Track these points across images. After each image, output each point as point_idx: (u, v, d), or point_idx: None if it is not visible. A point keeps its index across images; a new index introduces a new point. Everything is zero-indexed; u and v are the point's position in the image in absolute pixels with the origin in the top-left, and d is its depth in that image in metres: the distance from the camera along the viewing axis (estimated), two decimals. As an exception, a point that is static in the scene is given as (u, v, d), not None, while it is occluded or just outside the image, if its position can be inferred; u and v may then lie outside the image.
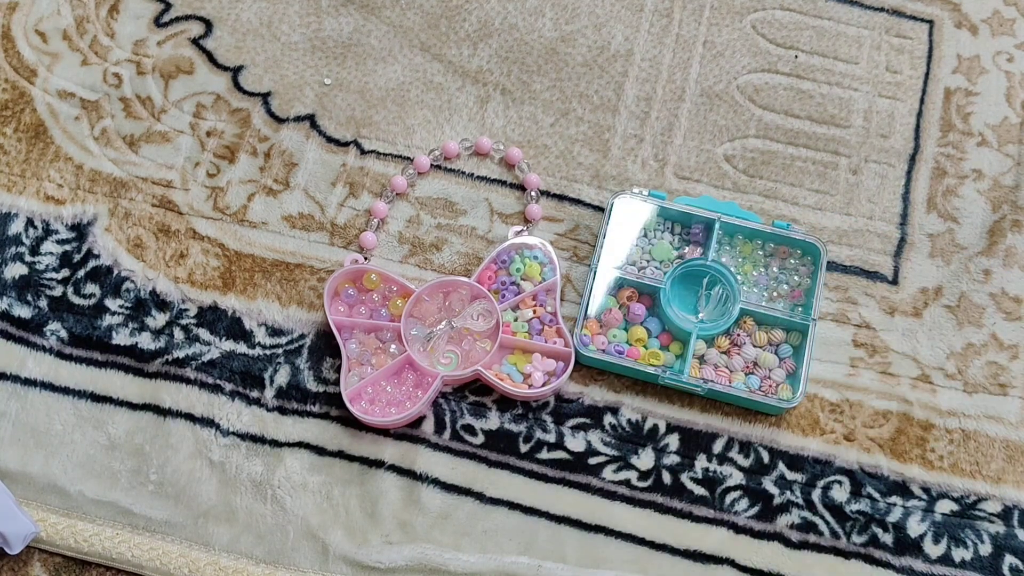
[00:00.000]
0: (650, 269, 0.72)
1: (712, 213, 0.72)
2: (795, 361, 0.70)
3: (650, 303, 0.72)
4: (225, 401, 0.70)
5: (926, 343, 0.72)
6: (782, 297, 0.72)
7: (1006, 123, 0.79)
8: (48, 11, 0.81)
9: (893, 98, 0.80)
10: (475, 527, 0.67)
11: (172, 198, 0.76)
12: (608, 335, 0.70)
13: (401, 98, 0.79)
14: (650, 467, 0.69)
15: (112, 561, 0.66)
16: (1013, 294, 0.74)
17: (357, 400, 0.68)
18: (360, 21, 0.82)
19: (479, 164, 0.78)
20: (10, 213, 0.75)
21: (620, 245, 0.73)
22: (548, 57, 0.80)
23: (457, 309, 0.71)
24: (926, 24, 0.82)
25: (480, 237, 0.75)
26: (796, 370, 0.69)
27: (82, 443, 0.69)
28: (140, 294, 0.73)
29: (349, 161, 0.77)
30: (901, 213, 0.76)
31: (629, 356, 0.70)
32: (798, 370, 0.69)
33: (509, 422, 0.70)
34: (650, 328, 0.71)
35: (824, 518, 0.67)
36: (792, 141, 0.78)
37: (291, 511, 0.67)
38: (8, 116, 0.78)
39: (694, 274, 0.71)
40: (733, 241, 0.73)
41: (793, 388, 0.69)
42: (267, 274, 0.74)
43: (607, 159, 0.77)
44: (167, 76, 0.79)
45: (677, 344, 0.71)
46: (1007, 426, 0.70)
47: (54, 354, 0.71)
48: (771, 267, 0.73)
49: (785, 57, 0.81)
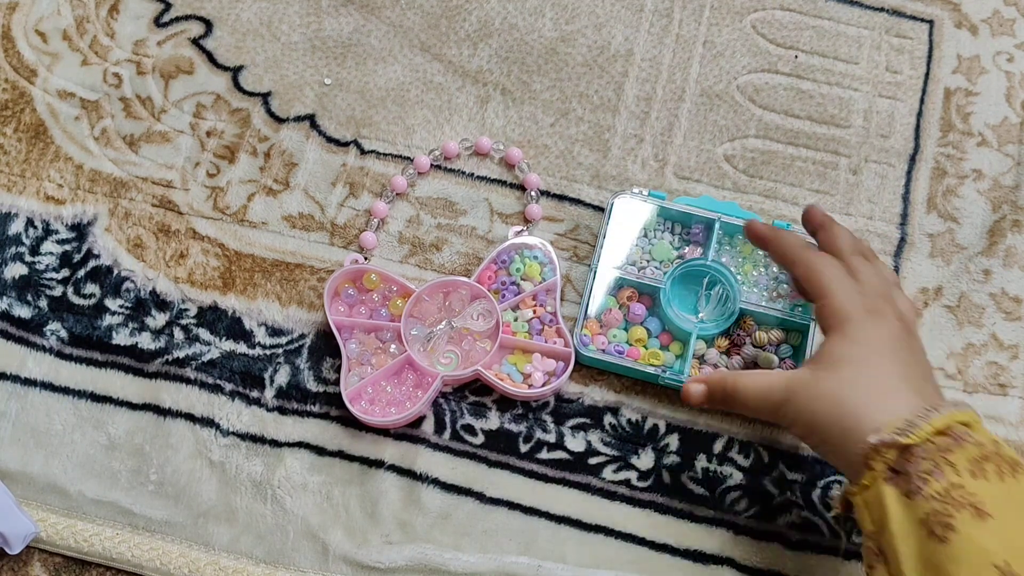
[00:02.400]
0: (650, 269, 0.72)
1: (712, 213, 0.73)
2: (795, 361, 0.70)
3: (650, 303, 0.72)
4: (225, 401, 0.70)
5: (926, 343, 0.72)
6: (782, 297, 0.72)
7: (1006, 123, 0.79)
8: (48, 11, 0.81)
9: (893, 98, 0.80)
10: (475, 527, 0.67)
11: (172, 198, 0.76)
12: (608, 335, 0.70)
13: (401, 98, 0.79)
14: (650, 467, 0.69)
15: (112, 561, 0.66)
16: (1013, 294, 0.74)
17: (357, 400, 0.68)
18: (360, 21, 0.81)
19: (479, 164, 0.78)
20: (10, 213, 0.75)
21: (620, 245, 0.73)
22: (548, 57, 0.80)
23: (457, 309, 0.71)
24: (926, 24, 0.82)
25: (480, 237, 0.75)
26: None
27: (82, 443, 0.69)
28: (140, 294, 0.73)
29: (349, 161, 0.77)
30: (901, 213, 0.76)
31: (629, 356, 0.70)
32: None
33: (509, 422, 0.70)
34: (650, 328, 0.71)
35: (824, 518, 0.67)
36: (792, 141, 0.78)
37: (291, 511, 0.67)
38: (8, 116, 0.78)
39: (694, 274, 0.71)
40: (733, 241, 0.73)
41: None
42: (267, 274, 0.74)
43: (607, 159, 0.77)
44: (167, 76, 0.79)
45: (677, 344, 0.71)
46: (1007, 426, 0.70)
47: (54, 354, 0.71)
48: (771, 267, 0.73)
49: (785, 57, 0.81)
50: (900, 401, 0.55)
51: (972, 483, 0.50)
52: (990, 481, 0.50)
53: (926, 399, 0.55)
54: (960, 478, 0.50)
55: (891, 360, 0.58)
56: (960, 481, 0.50)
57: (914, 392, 0.56)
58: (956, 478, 0.50)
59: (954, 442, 0.52)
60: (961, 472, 0.50)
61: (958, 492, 0.50)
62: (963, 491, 0.50)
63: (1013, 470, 0.51)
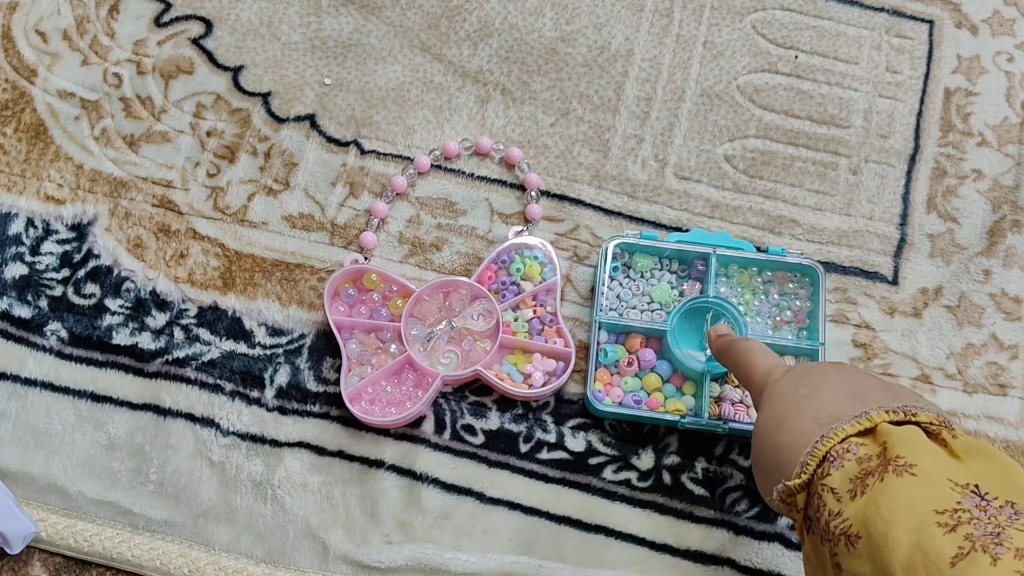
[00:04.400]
0: (650, 312, 0.71)
1: (706, 247, 0.71)
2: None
3: (658, 346, 0.71)
4: (225, 401, 0.70)
5: (926, 343, 0.72)
6: (787, 323, 0.71)
7: (1006, 123, 0.79)
8: (48, 11, 0.81)
9: (893, 98, 0.80)
10: (475, 527, 0.67)
11: (172, 198, 0.76)
12: (622, 384, 0.69)
13: (401, 98, 0.79)
14: (650, 467, 0.69)
15: (112, 561, 0.66)
16: (1013, 294, 0.74)
17: (357, 400, 0.68)
18: (360, 21, 0.81)
19: (479, 164, 0.78)
20: (10, 213, 0.75)
21: (619, 291, 0.72)
22: (548, 57, 0.80)
23: (457, 309, 0.71)
24: (926, 24, 0.82)
25: (480, 237, 0.75)
26: None
27: (82, 443, 0.69)
28: (140, 294, 0.73)
29: (349, 161, 0.77)
30: (901, 213, 0.76)
31: (648, 407, 0.68)
32: None
33: (509, 422, 0.70)
34: (661, 373, 0.70)
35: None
36: (792, 141, 0.78)
37: (291, 511, 0.67)
38: (8, 116, 0.78)
39: (697, 310, 0.70)
40: (729, 271, 0.72)
41: None
42: (267, 274, 0.74)
43: (607, 159, 0.77)
44: (167, 76, 0.79)
45: (690, 384, 0.70)
46: (1007, 426, 0.70)
47: (54, 354, 0.71)
48: (771, 294, 0.72)
49: (785, 57, 0.81)
50: (804, 439, 0.50)
51: (850, 506, 0.46)
52: (867, 495, 0.46)
53: (824, 425, 0.50)
54: (840, 503, 0.46)
55: (815, 389, 0.53)
56: (839, 507, 0.46)
57: (818, 422, 0.51)
58: (836, 505, 0.46)
59: (832, 464, 0.48)
60: (842, 496, 0.46)
61: (835, 522, 0.46)
62: (839, 519, 0.46)
63: (883, 474, 0.46)
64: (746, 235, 0.75)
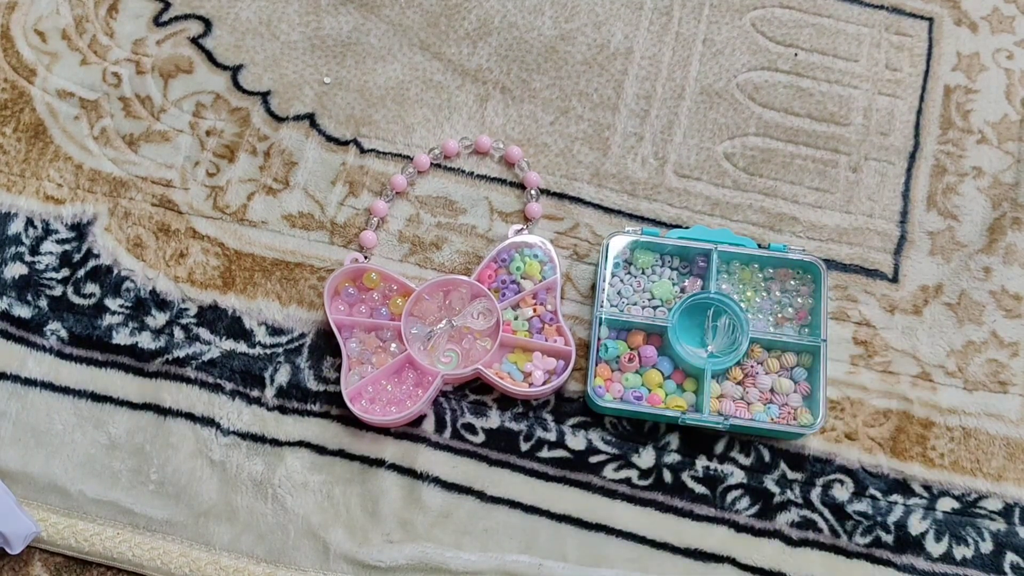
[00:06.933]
0: (651, 308, 0.71)
1: (708, 243, 0.72)
2: (811, 383, 0.69)
3: (659, 342, 0.71)
4: (225, 400, 0.70)
5: (926, 341, 0.72)
6: (788, 320, 0.71)
7: (1006, 120, 0.79)
8: (47, 11, 0.81)
9: (893, 96, 0.80)
10: (476, 526, 0.67)
11: (172, 197, 0.76)
12: (623, 381, 0.70)
13: (401, 97, 0.79)
14: (651, 466, 0.69)
15: (113, 561, 0.66)
16: (1013, 291, 0.74)
17: (357, 399, 0.68)
18: (359, 20, 0.81)
19: (479, 162, 0.77)
20: (10, 213, 0.75)
21: (620, 287, 0.72)
22: (548, 55, 0.80)
23: (457, 308, 0.71)
24: (926, 21, 0.82)
25: (480, 236, 0.75)
26: (812, 392, 0.69)
27: (82, 443, 0.69)
28: (140, 293, 0.73)
29: (349, 160, 0.77)
30: (901, 211, 0.76)
31: (649, 403, 0.69)
32: (815, 392, 0.68)
33: (510, 421, 0.70)
34: (662, 369, 0.70)
35: (824, 516, 0.67)
36: (792, 139, 0.78)
37: (292, 510, 0.67)
38: (8, 116, 0.78)
39: (698, 306, 0.70)
40: (731, 268, 0.72)
41: (812, 411, 0.68)
42: (267, 273, 0.73)
43: (607, 157, 0.77)
44: (166, 75, 0.79)
45: (691, 380, 0.70)
46: (1007, 423, 0.70)
47: (54, 354, 0.71)
48: (773, 291, 0.72)
49: (785, 55, 0.81)
50: None
51: None
52: None
53: None
54: None
55: None
56: None
57: None
58: None
59: None
60: None
61: None
62: None
63: None
64: (746, 233, 0.75)
